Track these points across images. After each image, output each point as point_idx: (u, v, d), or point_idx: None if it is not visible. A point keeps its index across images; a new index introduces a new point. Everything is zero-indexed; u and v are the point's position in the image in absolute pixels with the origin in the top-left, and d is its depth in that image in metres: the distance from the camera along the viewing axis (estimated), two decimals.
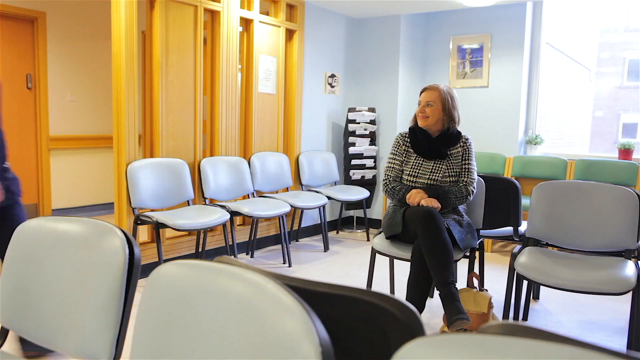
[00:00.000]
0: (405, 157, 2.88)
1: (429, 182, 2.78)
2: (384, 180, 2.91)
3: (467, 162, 2.82)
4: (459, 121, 2.85)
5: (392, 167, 2.89)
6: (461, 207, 2.83)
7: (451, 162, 2.81)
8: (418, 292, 2.55)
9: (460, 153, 2.82)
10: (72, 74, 5.38)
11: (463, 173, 2.81)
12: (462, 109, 5.31)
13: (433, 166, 2.81)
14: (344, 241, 4.92)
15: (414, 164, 2.84)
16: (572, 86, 9.31)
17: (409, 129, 2.92)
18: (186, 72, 3.76)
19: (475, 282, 2.76)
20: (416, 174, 2.81)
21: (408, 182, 2.82)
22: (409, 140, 2.88)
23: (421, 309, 2.56)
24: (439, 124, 2.81)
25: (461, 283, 3.66)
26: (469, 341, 0.64)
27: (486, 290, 2.76)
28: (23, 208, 2.31)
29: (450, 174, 2.78)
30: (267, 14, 4.42)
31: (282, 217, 3.97)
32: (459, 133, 2.86)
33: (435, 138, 2.83)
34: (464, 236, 2.66)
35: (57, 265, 1.29)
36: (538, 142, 4.96)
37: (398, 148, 2.90)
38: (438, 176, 2.79)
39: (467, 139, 2.85)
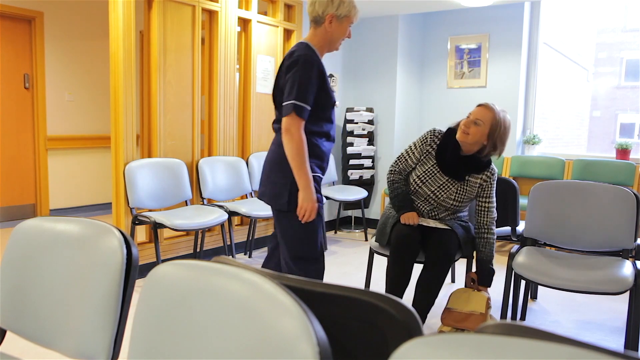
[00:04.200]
0: (424, 157, 2.65)
1: (431, 195, 2.62)
2: (390, 167, 2.74)
3: (488, 199, 2.60)
4: (501, 154, 2.58)
5: (405, 160, 2.68)
6: (463, 214, 2.75)
7: (464, 188, 2.60)
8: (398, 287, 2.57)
9: (480, 185, 2.60)
10: (70, 73, 5.38)
11: (482, 212, 2.61)
12: (459, 109, 5.34)
13: (444, 183, 2.60)
14: (342, 241, 4.92)
15: (429, 170, 2.63)
16: (569, 86, 9.33)
17: (447, 129, 2.65)
18: (184, 72, 3.76)
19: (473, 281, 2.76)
20: (424, 181, 2.62)
21: (413, 184, 2.66)
22: (438, 142, 2.63)
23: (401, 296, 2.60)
24: (476, 145, 2.54)
25: (459, 282, 3.66)
26: (466, 341, 0.65)
27: (484, 290, 2.76)
28: None
29: (456, 198, 2.60)
30: (265, 14, 4.42)
31: None
32: (489, 162, 2.61)
33: (463, 157, 2.58)
34: (466, 240, 2.65)
35: (55, 265, 1.29)
36: (536, 142, 4.97)
37: (423, 145, 2.66)
38: (443, 195, 2.60)
39: (493, 173, 2.60)
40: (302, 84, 2.16)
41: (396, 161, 2.73)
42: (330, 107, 2.28)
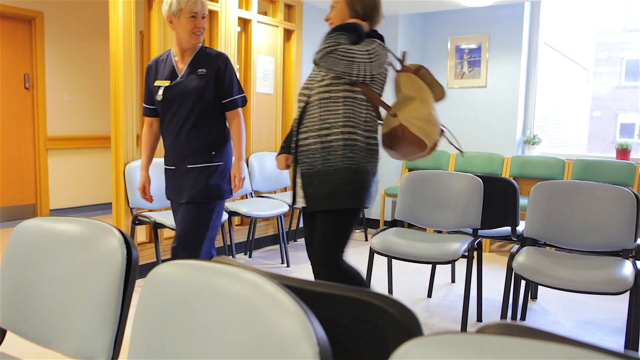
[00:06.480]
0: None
1: (306, 93, 2.23)
2: None
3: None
4: (376, 21, 2.22)
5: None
6: (334, 133, 2.23)
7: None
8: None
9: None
10: (70, 73, 5.38)
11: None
12: (460, 109, 5.33)
13: (312, 74, 2.25)
14: None
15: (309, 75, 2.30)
16: (569, 86, 9.33)
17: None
18: None
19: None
20: (306, 85, 2.27)
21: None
22: None
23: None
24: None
25: (460, 283, 3.66)
26: (466, 341, 0.65)
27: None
28: None
29: (325, 82, 2.16)
30: (265, 13, 4.42)
31: (281, 217, 3.97)
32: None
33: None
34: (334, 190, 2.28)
35: (55, 265, 1.29)
36: (536, 142, 4.97)
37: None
38: (315, 86, 2.19)
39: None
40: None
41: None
42: (154, 103, 2.55)
